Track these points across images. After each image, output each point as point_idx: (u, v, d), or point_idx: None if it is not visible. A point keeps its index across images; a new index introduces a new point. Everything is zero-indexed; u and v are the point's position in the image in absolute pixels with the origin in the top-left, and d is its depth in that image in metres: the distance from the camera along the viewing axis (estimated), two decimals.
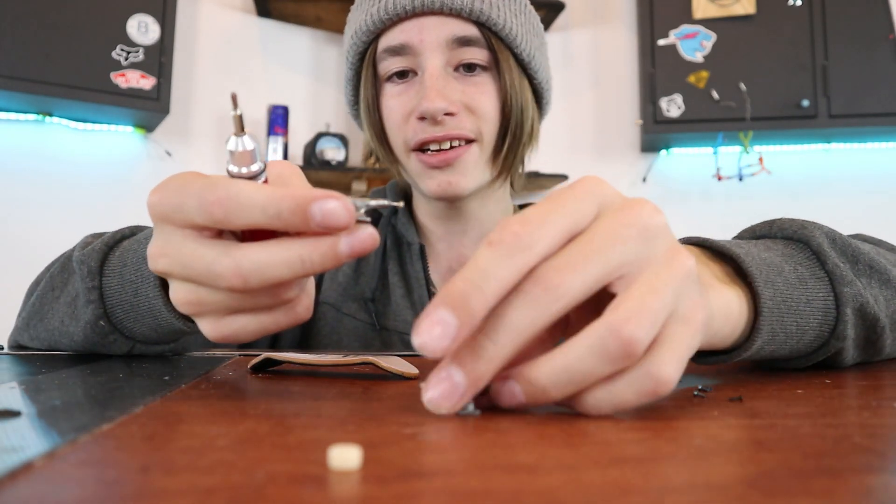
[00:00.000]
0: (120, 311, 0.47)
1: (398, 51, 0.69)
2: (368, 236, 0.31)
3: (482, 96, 0.70)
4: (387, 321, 0.75)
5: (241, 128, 0.32)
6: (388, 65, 0.70)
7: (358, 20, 0.71)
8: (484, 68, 0.70)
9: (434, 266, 0.79)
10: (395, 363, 0.41)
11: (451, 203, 0.75)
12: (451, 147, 0.69)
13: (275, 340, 0.78)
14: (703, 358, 0.41)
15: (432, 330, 0.24)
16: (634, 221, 0.28)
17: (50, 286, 0.55)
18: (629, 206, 0.29)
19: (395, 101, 0.71)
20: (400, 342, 0.74)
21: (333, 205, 0.29)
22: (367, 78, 0.72)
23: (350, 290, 0.76)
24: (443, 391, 0.26)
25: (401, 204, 0.34)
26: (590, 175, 0.31)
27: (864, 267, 0.44)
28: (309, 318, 0.35)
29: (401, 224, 0.78)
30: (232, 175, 0.32)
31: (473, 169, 0.71)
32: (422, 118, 0.68)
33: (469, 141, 0.70)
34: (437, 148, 0.69)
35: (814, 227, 0.44)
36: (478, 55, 0.69)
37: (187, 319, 0.44)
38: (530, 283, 0.26)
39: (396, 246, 0.78)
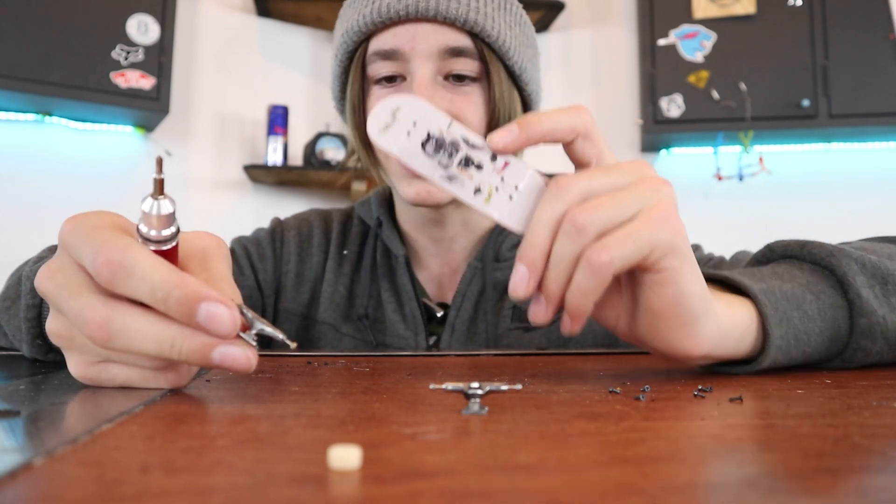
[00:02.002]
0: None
1: (388, 55, 0.68)
2: (245, 357, 0.31)
3: (469, 107, 0.68)
4: (384, 337, 0.74)
5: (161, 191, 0.31)
6: (378, 68, 0.69)
7: (350, 19, 0.70)
8: (473, 79, 0.69)
9: (423, 275, 0.78)
10: None
11: (432, 210, 0.73)
12: None
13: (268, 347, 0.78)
14: (718, 367, 0.45)
15: (515, 279, 0.36)
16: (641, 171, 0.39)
17: (3, 296, 0.55)
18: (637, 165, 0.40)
19: None
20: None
21: (220, 311, 0.29)
22: (354, 78, 0.70)
23: (346, 311, 0.76)
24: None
25: (294, 345, 0.34)
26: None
27: (894, 286, 0.46)
28: (185, 385, 0.35)
29: (385, 236, 0.77)
30: (141, 235, 0.31)
31: None
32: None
33: None
34: None
35: (842, 255, 0.46)
36: (469, 66, 0.68)
37: None
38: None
39: (385, 259, 0.77)
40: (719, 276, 0.46)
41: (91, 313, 0.30)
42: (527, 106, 0.75)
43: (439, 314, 0.74)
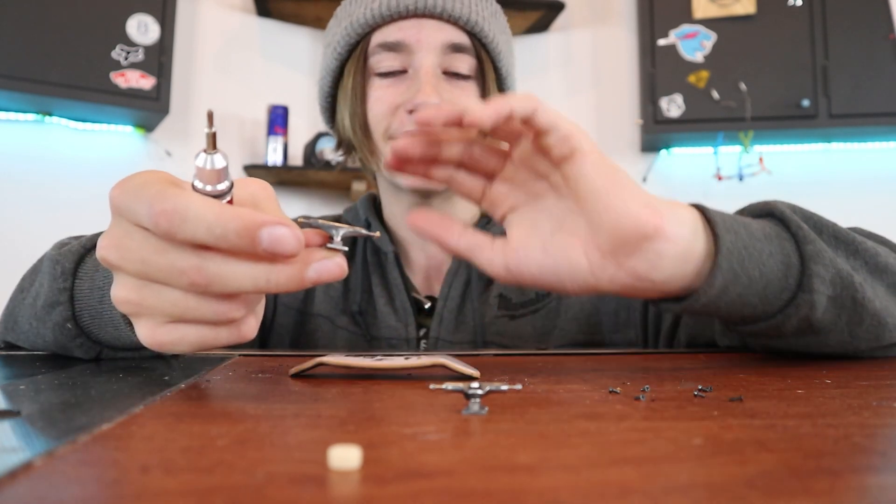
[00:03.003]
0: (87, 316, 0.46)
1: (393, 47, 0.71)
2: (336, 266, 0.31)
3: (467, 101, 0.72)
4: (377, 331, 0.75)
5: (213, 145, 0.31)
6: (381, 59, 0.72)
7: (355, 13, 0.73)
8: (467, 77, 0.73)
9: (411, 269, 0.80)
10: (458, 364, 0.40)
11: (422, 201, 0.76)
12: None
13: (263, 346, 0.78)
14: (672, 302, 0.45)
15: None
16: None
17: (20, 287, 0.55)
18: None
19: (385, 93, 0.73)
20: (389, 349, 0.75)
21: (282, 231, 0.29)
22: (356, 69, 0.74)
23: (341, 304, 0.77)
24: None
25: (377, 234, 0.35)
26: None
27: (829, 237, 0.48)
28: (252, 338, 0.35)
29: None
30: (196, 190, 0.32)
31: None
32: (413, 111, 0.70)
33: None
34: None
35: (776, 202, 0.49)
36: (466, 63, 0.73)
37: None
38: None
39: (376, 257, 0.79)
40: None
41: (183, 263, 0.30)
42: None
43: (427, 306, 0.76)
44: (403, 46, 0.71)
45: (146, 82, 2.05)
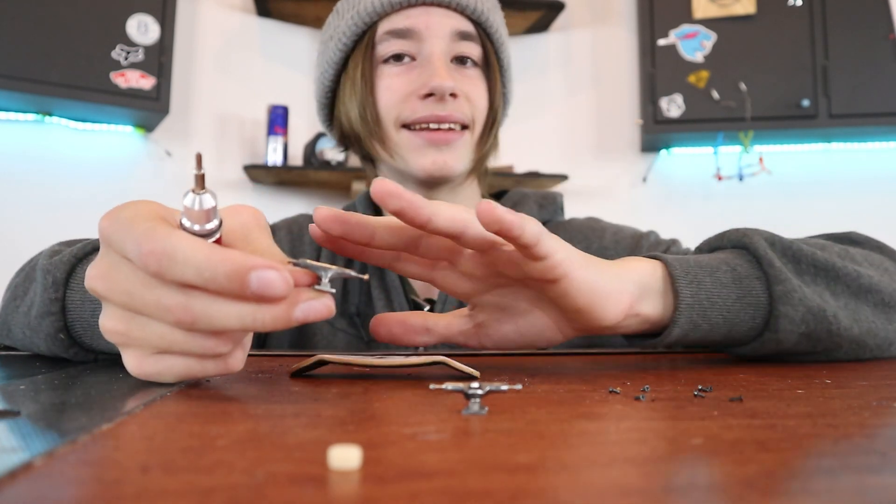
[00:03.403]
0: (79, 327, 0.46)
1: (402, 34, 0.72)
2: (323, 306, 0.31)
3: (476, 88, 0.75)
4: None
5: (201, 185, 0.31)
6: (389, 46, 0.73)
7: (361, 3, 0.73)
8: (474, 64, 0.75)
9: None
10: (458, 363, 0.40)
11: (428, 193, 0.76)
12: (450, 129, 0.72)
13: (262, 348, 0.78)
14: (640, 339, 0.49)
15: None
16: None
17: (12, 296, 0.54)
18: None
19: (395, 80, 0.73)
20: (386, 352, 0.75)
21: (272, 276, 0.29)
22: (363, 59, 0.74)
23: (341, 306, 0.77)
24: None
25: (366, 277, 0.35)
26: None
27: (808, 266, 0.49)
28: (239, 369, 0.35)
29: None
30: (185, 230, 0.31)
31: (465, 154, 0.74)
32: (428, 95, 0.71)
33: (464, 127, 0.74)
34: (436, 127, 0.72)
35: (754, 234, 0.49)
36: (474, 50, 0.74)
37: None
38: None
39: None
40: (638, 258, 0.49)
41: (169, 300, 0.30)
42: (505, 101, 0.83)
43: (426, 309, 0.75)
44: (413, 33, 0.72)
45: (146, 82, 2.05)
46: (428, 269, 0.44)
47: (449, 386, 0.28)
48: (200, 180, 0.31)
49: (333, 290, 0.33)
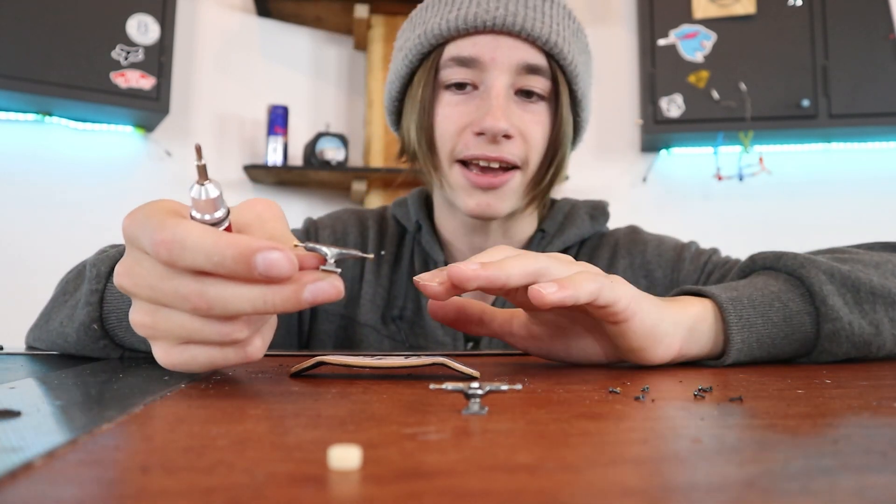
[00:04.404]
0: (114, 319, 0.47)
1: (466, 62, 0.69)
2: (331, 286, 0.33)
3: (536, 126, 0.71)
4: (425, 342, 0.74)
5: (204, 176, 0.33)
6: (452, 73, 0.70)
7: (430, 21, 0.71)
8: (541, 97, 0.71)
9: None
10: (458, 364, 0.40)
11: (480, 225, 0.75)
12: (500, 168, 0.70)
13: (307, 348, 0.78)
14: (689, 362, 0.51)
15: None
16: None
17: (62, 290, 0.56)
18: None
19: (454, 111, 0.71)
20: None
21: (276, 256, 0.30)
22: (426, 81, 0.71)
23: (386, 312, 0.76)
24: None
25: (371, 256, 0.37)
26: None
27: (867, 294, 0.51)
28: (259, 358, 0.37)
29: (425, 241, 0.78)
30: (194, 220, 0.33)
31: (513, 195, 0.72)
32: (480, 133, 0.68)
33: (514, 167, 0.71)
34: (486, 165, 0.70)
35: (811, 266, 0.51)
36: (540, 84, 0.70)
37: None
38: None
39: (424, 264, 0.78)
40: (694, 291, 0.52)
41: (185, 289, 0.32)
42: (577, 130, 0.78)
43: None
44: (477, 63, 0.69)
45: (146, 82, 2.05)
46: None
47: (449, 386, 0.28)
48: (203, 171, 0.33)
49: (339, 270, 0.34)
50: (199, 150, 0.32)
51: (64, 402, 0.30)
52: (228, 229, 0.34)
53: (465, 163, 0.70)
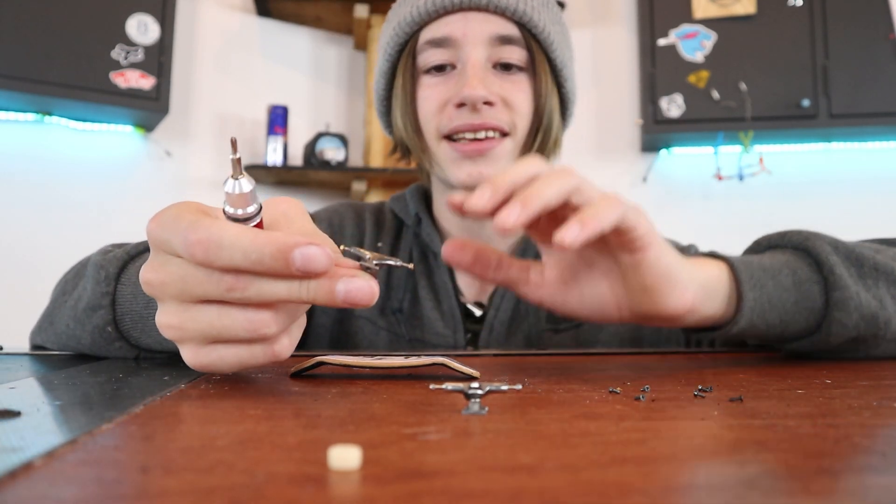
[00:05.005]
0: (128, 320, 0.47)
1: (440, 43, 0.70)
2: (367, 287, 0.32)
3: (519, 93, 0.72)
4: (422, 334, 0.74)
5: (239, 171, 0.33)
6: (429, 56, 0.71)
7: (402, 13, 0.72)
8: (520, 69, 0.72)
9: (461, 274, 0.78)
10: (458, 364, 0.40)
11: None
12: (486, 137, 0.70)
13: (301, 347, 0.78)
14: (701, 332, 0.53)
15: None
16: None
17: (62, 290, 0.56)
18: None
19: (433, 91, 0.72)
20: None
21: (313, 251, 0.30)
22: (405, 69, 0.73)
23: (383, 305, 0.76)
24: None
25: (411, 266, 0.38)
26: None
27: (870, 269, 0.52)
28: (286, 358, 0.37)
29: (425, 234, 0.78)
30: (227, 215, 0.33)
31: (504, 162, 0.72)
32: (460, 105, 0.69)
33: (503, 134, 0.71)
34: (472, 137, 0.70)
35: (817, 238, 0.52)
36: (516, 55, 0.71)
37: None
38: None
39: (423, 257, 0.78)
40: (704, 254, 0.52)
41: (226, 285, 0.32)
42: (564, 104, 0.79)
43: (479, 313, 0.74)
44: (450, 41, 0.70)
45: (146, 82, 2.05)
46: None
47: (449, 386, 0.28)
48: (237, 164, 0.32)
49: (377, 268, 0.35)
50: (234, 143, 0.32)
51: (64, 402, 0.30)
52: (259, 225, 0.34)
53: (452, 139, 0.71)
